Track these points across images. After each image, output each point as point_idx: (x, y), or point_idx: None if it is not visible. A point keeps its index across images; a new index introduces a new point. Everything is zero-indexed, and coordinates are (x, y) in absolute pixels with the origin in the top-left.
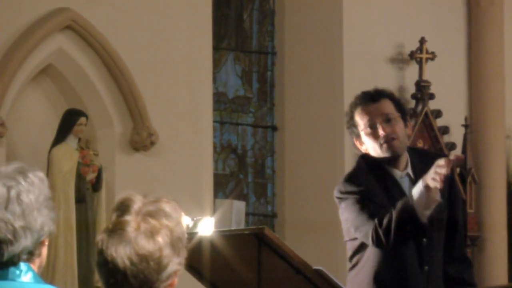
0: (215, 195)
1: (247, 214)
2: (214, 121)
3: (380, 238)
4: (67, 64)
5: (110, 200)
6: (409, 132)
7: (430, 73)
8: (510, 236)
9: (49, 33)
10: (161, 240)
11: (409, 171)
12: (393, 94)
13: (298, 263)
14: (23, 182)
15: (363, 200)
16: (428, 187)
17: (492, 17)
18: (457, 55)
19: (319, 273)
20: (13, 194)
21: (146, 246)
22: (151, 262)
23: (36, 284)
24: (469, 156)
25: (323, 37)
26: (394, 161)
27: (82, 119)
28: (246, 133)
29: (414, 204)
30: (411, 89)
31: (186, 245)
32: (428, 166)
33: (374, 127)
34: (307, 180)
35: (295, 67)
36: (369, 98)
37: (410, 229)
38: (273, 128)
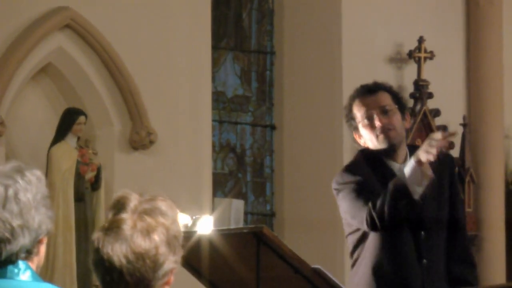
0: (214, 194)
1: (246, 213)
2: (213, 120)
3: (375, 221)
4: (67, 63)
5: (109, 199)
6: (407, 125)
7: (429, 73)
8: (508, 236)
9: (49, 32)
10: (157, 238)
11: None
12: (392, 87)
13: (297, 262)
14: (21, 181)
15: (360, 189)
16: (420, 162)
17: (491, 17)
18: (456, 55)
19: (317, 272)
20: (11, 193)
21: (142, 244)
22: (147, 260)
23: (35, 283)
24: (468, 156)
25: (322, 37)
26: (392, 154)
27: (81, 118)
28: (245, 132)
29: (406, 181)
30: (410, 88)
31: (183, 243)
32: (435, 167)
33: (371, 119)
34: (306, 179)
35: (294, 67)
36: (367, 91)
37: (404, 208)
38: (272, 127)
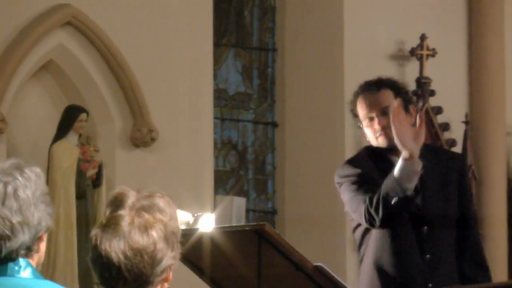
0: (216, 192)
1: (248, 211)
2: (215, 118)
3: (372, 216)
4: (68, 60)
5: None
6: (412, 119)
7: (431, 70)
8: (510, 233)
9: (50, 29)
10: (155, 234)
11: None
12: (395, 83)
13: (298, 260)
14: (20, 178)
15: (360, 182)
16: (407, 158)
17: (493, 14)
18: (458, 52)
19: (319, 270)
20: (10, 190)
21: (140, 241)
22: (145, 256)
23: (35, 280)
24: (470, 153)
25: (324, 34)
26: (396, 150)
27: (83, 115)
28: (247, 130)
29: (396, 179)
30: (412, 86)
31: (184, 241)
32: (441, 163)
33: (372, 119)
34: (308, 177)
35: (296, 64)
36: (369, 89)
37: (397, 204)
38: (274, 125)
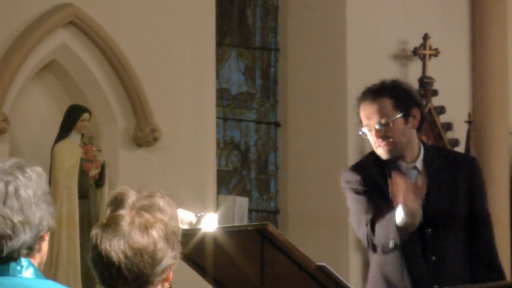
0: (218, 191)
1: (250, 210)
2: (217, 117)
3: (374, 245)
4: (70, 60)
5: None
6: (415, 123)
7: (434, 70)
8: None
9: (52, 29)
10: (155, 234)
11: (417, 164)
12: (395, 88)
13: (301, 259)
14: (21, 177)
15: (362, 192)
16: (407, 212)
17: (496, 14)
18: (461, 52)
19: (322, 269)
20: (11, 189)
21: (140, 240)
22: (145, 256)
23: (37, 280)
24: (472, 153)
25: (327, 34)
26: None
27: (85, 115)
28: (249, 129)
29: (398, 227)
30: (414, 86)
31: (187, 241)
32: (450, 165)
33: (371, 129)
34: (310, 176)
35: (298, 64)
36: (367, 98)
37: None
38: (276, 124)
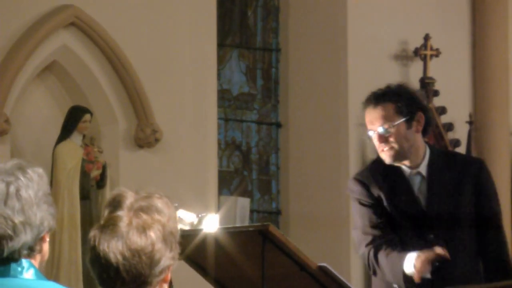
0: (220, 192)
1: (252, 211)
2: (219, 118)
3: (375, 272)
4: (71, 61)
5: None
6: (419, 127)
7: (435, 70)
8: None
9: (53, 30)
10: (153, 235)
11: (421, 170)
12: (399, 93)
13: (303, 260)
14: (22, 178)
15: (365, 204)
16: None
17: (497, 14)
18: (462, 52)
19: (323, 270)
20: (12, 190)
21: (138, 241)
22: (144, 257)
23: (38, 281)
24: (474, 153)
25: (328, 34)
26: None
27: (87, 116)
28: (251, 130)
29: (405, 275)
30: (416, 86)
31: (180, 241)
32: (455, 169)
33: (374, 134)
34: (311, 177)
35: (300, 64)
36: (370, 103)
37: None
38: (278, 125)
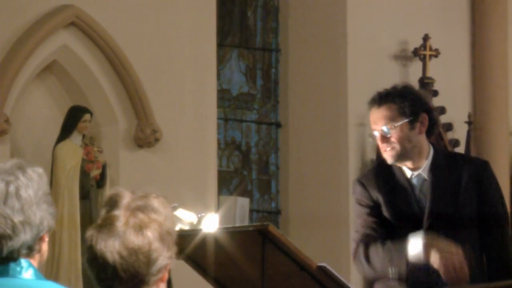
0: (219, 192)
1: (251, 211)
2: (218, 118)
3: (364, 266)
4: (72, 61)
5: None
6: (423, 129)
7: (434, 70)
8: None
9: (53, 30)
10: (150, 234)
11: (423, 171)
12: (403, 93)
13: (302, 260)
14: (22, 177)
15: (364, 205)
16: (428, 259)
17: (496, 14)
18: (461, 52)
19: (323, 270)
20: (12, 189)
21: (135, 240)
22: (140, 256)
23: (37, 281)
24: (473, 153)
25: (327, 34)
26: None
27: (87, 116)
28: (250, 130)
29: (407, 260)
30: (415, 86)
31: (181, 240)
32: (456, 170)
33: (378, 134)
34: (311, 177)
35: (299, 64)
36: (374, 103)
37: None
38: (277, 125)
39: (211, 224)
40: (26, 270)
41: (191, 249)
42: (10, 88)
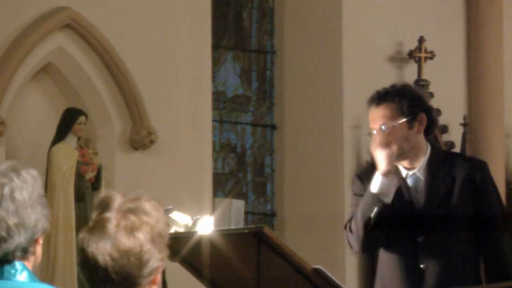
0: (214, 194)
1: (246, 213)
2: (213, 120)
3: (352, 243)
4: (67, 63)
5: None
6: (421, 128)
7: (429, 72)
8: (509, 235)
9: (49, 32)
10: (142, 236)
11: (418, 171)
12: (402, 93)
13: (297, 262)
14: (16, 180)
15: (358, 195)
16: (384, 173)
17: (491, 16)
18: (456, 54)
19: (318, 272)
20: (6, 191)
21: (126, 242)
22: (132, 258)
23: (32, 283)
24: (468, 155)
25: (323, 36)
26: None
27: (82, 118)
28: (245, 132)
29: (374, 194)
30: None
31: (173, 243)
32: (451, 170)
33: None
34: (306, 179)
35: (294, 66)
36: (373, 102)
37: (376, 215)
38: (272, 127)
39: (206, 227)
40: (21, 273)
41: (186, 252)
42: (6, 90)
